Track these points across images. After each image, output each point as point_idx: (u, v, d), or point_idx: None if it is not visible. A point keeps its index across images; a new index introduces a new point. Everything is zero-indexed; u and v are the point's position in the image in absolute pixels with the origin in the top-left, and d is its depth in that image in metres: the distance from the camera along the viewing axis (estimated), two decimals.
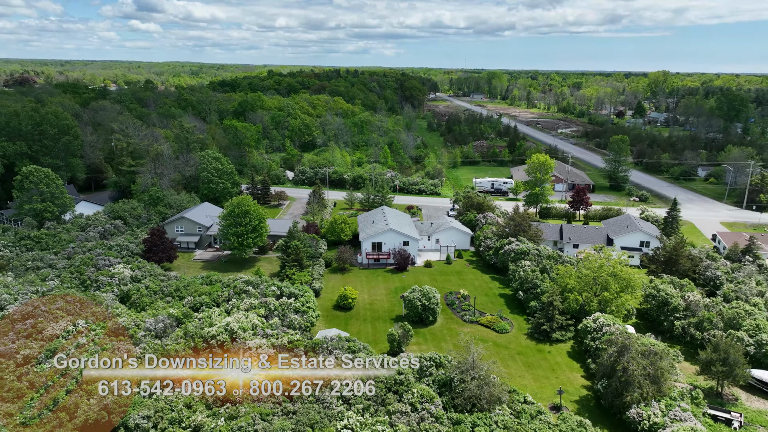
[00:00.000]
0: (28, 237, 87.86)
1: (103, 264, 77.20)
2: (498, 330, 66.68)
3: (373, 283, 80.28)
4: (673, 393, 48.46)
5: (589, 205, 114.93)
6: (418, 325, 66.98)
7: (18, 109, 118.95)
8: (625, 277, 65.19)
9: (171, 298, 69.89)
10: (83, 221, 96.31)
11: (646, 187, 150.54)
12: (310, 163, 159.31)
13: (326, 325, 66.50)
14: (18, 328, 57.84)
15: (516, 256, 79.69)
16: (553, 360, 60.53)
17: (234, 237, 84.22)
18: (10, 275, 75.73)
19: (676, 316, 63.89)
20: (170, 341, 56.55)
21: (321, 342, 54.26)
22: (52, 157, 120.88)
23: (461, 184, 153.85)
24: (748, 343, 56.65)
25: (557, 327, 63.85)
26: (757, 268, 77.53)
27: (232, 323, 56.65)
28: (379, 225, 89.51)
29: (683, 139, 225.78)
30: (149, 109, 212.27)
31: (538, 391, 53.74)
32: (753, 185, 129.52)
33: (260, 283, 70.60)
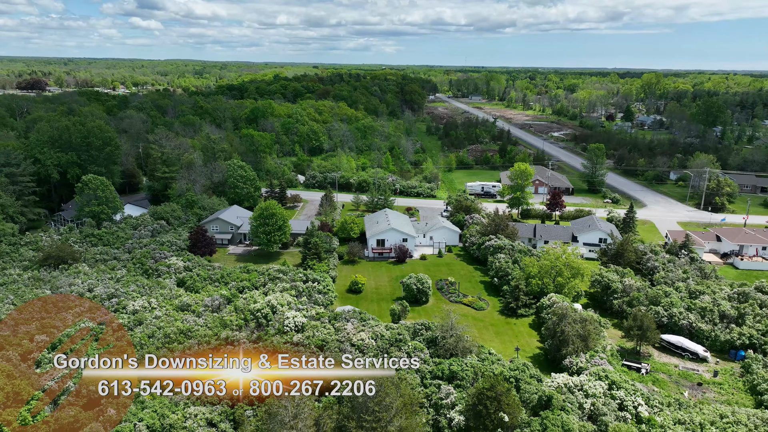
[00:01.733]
0: (92, 235, 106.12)
1: (159, 257, 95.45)
2: (476, 308, 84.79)
3: (378, 272, 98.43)
4: (597, 348, 66.58)
5: (563, 206, 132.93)
6: (413, 304, 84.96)
7: (69, 125, 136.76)
8: (575, 266, 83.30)
9: (218, 284, 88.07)
10: (134, 221, 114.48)
11: (620, 190, 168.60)
12: (320, 168, 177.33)
13: (342, 304, 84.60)
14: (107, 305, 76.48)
15: (494, 250, 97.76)
16: (517, 330, 78.67)
17: (263, 234, 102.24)
18: (83, 266, 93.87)
19: (615, 296, 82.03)
20: (225, 314, 74.64)
21: (340, 313, 72.51)
22: (97, 165, 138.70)
23: (455, 187, 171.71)
24: (662, 315, 74.73)
25: (522, 305, 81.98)
26: (689, 260, 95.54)
27: (272, 300, 74.77)
28: (382, 225, 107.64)
29: (663, 143, 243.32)
30: (168, 116, 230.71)
31: (502, 350, 71.71)
32: (709, 189, 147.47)
33: (289, 271, 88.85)
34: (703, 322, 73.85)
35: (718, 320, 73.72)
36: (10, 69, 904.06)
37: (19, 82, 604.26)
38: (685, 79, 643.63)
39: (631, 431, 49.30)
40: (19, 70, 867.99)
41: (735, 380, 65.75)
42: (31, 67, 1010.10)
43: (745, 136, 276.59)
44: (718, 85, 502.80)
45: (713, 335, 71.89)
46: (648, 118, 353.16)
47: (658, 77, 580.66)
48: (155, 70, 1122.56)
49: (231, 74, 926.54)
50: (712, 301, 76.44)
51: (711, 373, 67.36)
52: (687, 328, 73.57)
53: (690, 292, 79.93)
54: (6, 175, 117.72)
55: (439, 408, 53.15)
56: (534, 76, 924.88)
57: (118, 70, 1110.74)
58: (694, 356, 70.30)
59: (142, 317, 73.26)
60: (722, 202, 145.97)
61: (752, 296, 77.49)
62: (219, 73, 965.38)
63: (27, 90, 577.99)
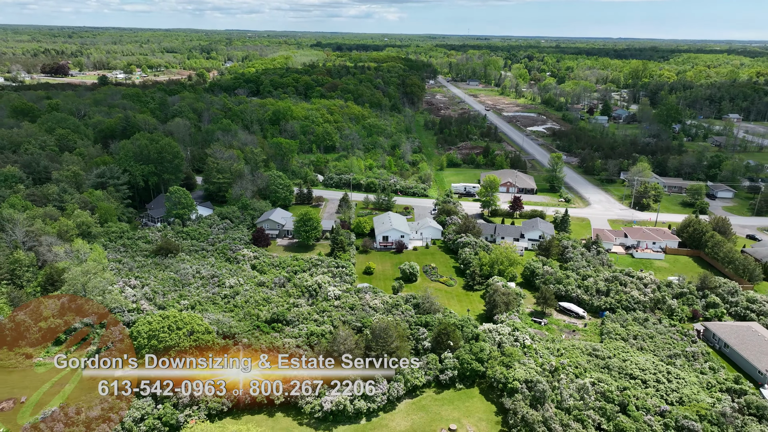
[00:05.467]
0: (182, 231, 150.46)
1: (235, 248, 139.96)
2: (448, 285, 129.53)
3: (383, 260, 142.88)
4: (515, 310, 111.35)
5: (522, 208, 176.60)
6: (407, 282, 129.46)
7: (146, 143, 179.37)
8: (512, 258, 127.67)
9: (278, 268, 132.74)
10: (208, 220, 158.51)
11: (575, 189, 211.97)
12: (336, 170, 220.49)
13: (361, 282, 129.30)
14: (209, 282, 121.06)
15: (463, 245, 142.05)
16: (471, 299, 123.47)
17: (303, 232, 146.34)
18: (182, 255, 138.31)
19: (536, 278, 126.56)
20: (288, 287, 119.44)
21: (360, 288, 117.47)
22: (168, 173, 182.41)
23: (445, 186, 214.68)
24: (562, 290, 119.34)
25: (476, 283, 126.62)
26: (596, 253, 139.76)
27: (318, 279, 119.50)
28: (386, 225, 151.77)
29: (625, 142, 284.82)
30: (204, 119, 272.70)
31: (461, 311, 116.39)
32: (638, 192, 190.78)
33: (325, 259, 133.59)
34: (587, 294, 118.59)
35: (595, 293, 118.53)
36: (24, 47, 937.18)
37: (43, 66, 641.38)
38: (671, 65, 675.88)
39: (517, 351, 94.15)
40: (33, 49, 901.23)
41: (596, 329, 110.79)
42: (41, 44, 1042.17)
43: (701, 133, 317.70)
44: (699, 74, 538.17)
45: (591, 303, 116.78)
46: (623, 112, 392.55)
47: (645, 65, 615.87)
48: (161, 46, 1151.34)
49: (237, 53, 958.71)
50: (594, 282, 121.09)
51: (583, 324, 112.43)
52: (576, 298, 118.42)
53: (582, 276, 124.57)
54: (113, 186, 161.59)
55: (418, 340, 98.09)
56: (532, 56, 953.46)
57: (125, 45, 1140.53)
58: (577, 315, 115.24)
59: (237, 290, 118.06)
60: (648, 203, 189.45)
61: (619, 279, 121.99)
62: (226, 52, 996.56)
63: (51, 75, 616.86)
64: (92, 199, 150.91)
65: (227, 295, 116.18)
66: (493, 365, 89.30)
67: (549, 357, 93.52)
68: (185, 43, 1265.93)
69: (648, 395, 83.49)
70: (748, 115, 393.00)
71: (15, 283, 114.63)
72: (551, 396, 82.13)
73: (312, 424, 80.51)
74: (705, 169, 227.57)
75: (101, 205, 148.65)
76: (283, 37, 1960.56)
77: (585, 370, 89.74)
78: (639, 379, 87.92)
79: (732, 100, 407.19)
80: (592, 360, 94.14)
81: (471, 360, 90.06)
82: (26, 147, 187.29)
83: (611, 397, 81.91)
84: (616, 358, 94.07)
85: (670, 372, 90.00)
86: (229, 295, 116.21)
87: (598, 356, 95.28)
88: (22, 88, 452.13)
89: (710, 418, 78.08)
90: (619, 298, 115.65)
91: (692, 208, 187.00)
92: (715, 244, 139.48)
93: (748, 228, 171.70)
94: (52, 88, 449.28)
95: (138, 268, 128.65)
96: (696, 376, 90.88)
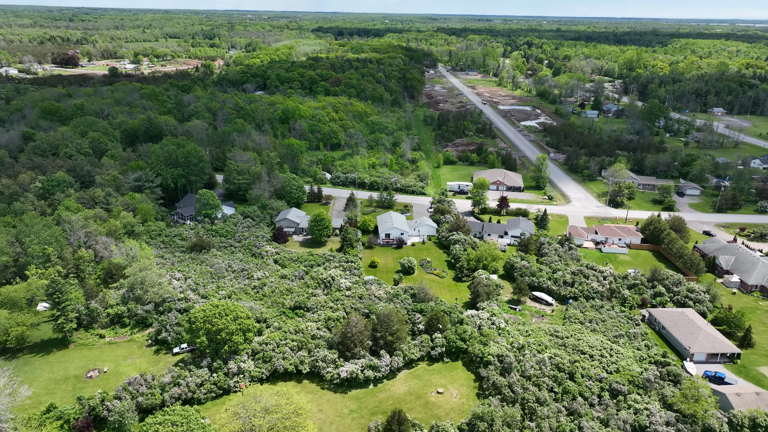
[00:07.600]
0: (211, 229, 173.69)
1: (259, 245, 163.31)
2: (440, 277, 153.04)
3: (386, 255, 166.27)
4: (494, 298, 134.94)
5: (509, 206, 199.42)
6: (406, 275, 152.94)
7: (174, 148, 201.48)
8: (495, 254, 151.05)
9: (296, 262, 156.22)
10: (233, 219, 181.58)
11: (559, 187, 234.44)
12: (342, 169, 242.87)
13: (367, 275, 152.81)
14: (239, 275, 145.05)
15: (454, 241, 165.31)
16: (460, 289, 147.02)
17: (317, 230, 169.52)
18: (214, 251, 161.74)
19: (515, 271, 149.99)
20: (306, 279, 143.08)
21: (367, 281, 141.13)
22: (194, 175, 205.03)
23: (441, 184, 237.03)
24: (535, 282, 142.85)
25: (464, 276, 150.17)
26: (568, 248, 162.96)
27: (332, 273, 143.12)
28: (388, 224, 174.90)
29: (610, 139, 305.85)
30: (218, 119, 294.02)
31: (450, 299, 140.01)
32: (613, 191, 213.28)
33: (336, 255, 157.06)
34: (555, 285, 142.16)
35: (562, 284, 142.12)
36: (29, 33, 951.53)
37: (53, 56, 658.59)
38: (666, 55, 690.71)
39: (493, 333, 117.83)
40: (40, 36, 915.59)
41: (560, 314, 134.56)
42: (46, 30, 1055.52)
43: (683, 129, 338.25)
44: (690, 66, 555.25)
45: (558, 292, 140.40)
46: (613, 106, 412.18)
47: (640, 54, 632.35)
48: (164, 32, 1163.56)
49: (240, 40, 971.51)
50: (562, 274, 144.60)
51: (551, 311, 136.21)
52: (546, 288, 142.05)
53: (553, 270, 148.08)
54: (149, 189, 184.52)
55: (414, 323, 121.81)
56: (531, 43, 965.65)
57: (127, 31, 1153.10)
58: (547, 303, 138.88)
59: (264, 282, 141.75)
60: (622, 200, 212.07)
61: (583, 272, 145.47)
62: (229, 38, 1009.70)
63: (63, 66, 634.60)
64: (133, 201, 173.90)
65: (256, 286, 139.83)
66: (474, 343, 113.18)
67: (518, 337, 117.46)
68: (187, 27, 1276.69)
69: (592, 366, 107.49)
70: (731, 109, 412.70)
71: (79, 276, 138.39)
72: (516, 367, 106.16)
73: (331, 389, 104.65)
74: (678, 168, 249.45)
75: (141, 207, 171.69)
76: (284, 19, 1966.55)
77: (546, 347, 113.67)
78: (587, 354, 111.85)
79: (717, 94, 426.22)
80: (553, 339, 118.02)
81: (456, 339, 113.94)
82: (65, 150, 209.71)
83: (563, 368, 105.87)
84: (572, 338, 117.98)
85: (612, 348, 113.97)
86: (258, 286, 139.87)
87: (558, 336, 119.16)
88: (37, 81, 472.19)
89: (637, 382, 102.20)
90: (582, 288, 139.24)
91: (662, 206, 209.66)
92: (671, 241, 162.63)
93: (707, 224, 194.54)
94: (65, 80, 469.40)
95: (178, 263, 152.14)
96: (633, 351, 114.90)
